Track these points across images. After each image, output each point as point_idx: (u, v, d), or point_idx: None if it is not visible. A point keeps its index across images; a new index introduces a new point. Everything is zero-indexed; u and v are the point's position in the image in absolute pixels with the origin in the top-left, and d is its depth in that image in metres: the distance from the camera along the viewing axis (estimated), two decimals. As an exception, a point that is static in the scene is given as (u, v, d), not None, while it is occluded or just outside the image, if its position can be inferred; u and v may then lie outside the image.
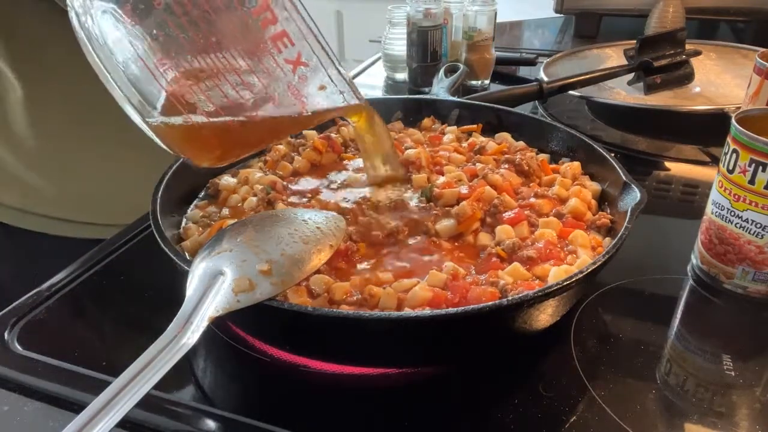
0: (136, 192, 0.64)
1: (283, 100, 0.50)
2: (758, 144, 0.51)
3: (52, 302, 0.58)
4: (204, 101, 0.48)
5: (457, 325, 0.43)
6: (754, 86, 0.70)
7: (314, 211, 0.58)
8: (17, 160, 0.82)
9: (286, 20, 0.47)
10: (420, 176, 0.64)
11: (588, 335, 0.53)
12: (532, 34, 1.60)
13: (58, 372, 0.49)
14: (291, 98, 0.50)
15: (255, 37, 0.47)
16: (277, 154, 0.71)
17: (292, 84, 0.49)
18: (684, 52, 1.00)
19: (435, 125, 0.81)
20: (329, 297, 0.48)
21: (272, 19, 0.46)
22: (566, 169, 0.66)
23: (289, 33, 0.47)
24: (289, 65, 0.48)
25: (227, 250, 0.46)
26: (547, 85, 0.96)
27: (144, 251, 0.67)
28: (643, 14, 1.34)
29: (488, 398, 0.47)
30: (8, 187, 0.83)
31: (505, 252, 0.53)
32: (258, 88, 0.49)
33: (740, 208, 0.54)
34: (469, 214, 0.57)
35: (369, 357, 0.48)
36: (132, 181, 0.74)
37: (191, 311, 0.41)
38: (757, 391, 0.47)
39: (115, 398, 0.35)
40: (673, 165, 0.87)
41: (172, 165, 0.61)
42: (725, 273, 0.58)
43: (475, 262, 0.54)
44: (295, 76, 0.49)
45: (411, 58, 1.12)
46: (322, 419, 0.46)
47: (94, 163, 0.84)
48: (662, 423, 0.45)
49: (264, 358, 0.51)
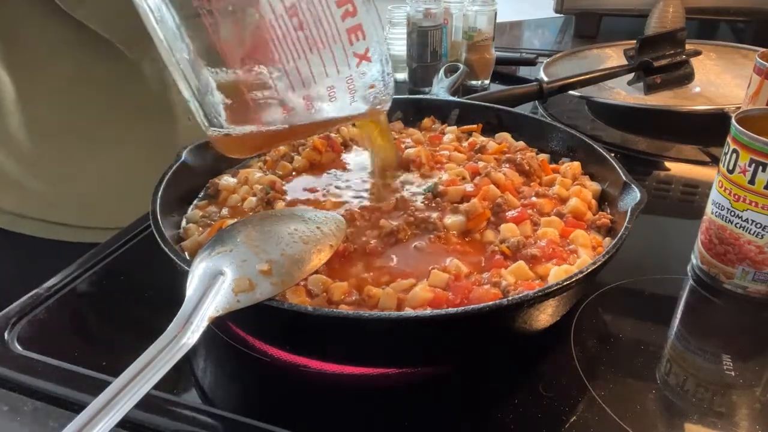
0: (134, 194, 0.64)
1: (340, 97, 0.50)
2: (758, 144, 0.51)
3: (51, 302, 0.58)
4: (272, 107, 0.47)
5: (457, 325, 0.43)
6: (754, 86, 0.70)
7: (314, 211, 0.58)
8: (13, 163, 0.81)
9: (366, 12, 0.46)
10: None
11: (588, 335, 0.53)
12: (532, 34, 1.60)
13: (58, 372, 0.49)
14: (347, 96, 0.50)
15: (332, 27, 0.46)
16: (276, 153, 0.71)
17: (351, 79, 0.49)
18: (684, 52, 1.00)
19: (435, 125, 0.81)
20: (327, 297, 0.48)
21: (353, 11, 0.46)
22: (566, 169, 0.66)
23: (363, 26, 0.47)
24: (356, 59, 0.48)
25: (227, 250, 0.46)
26: (547, 85, 0.96)
27: (144, 251, 0.67)
28: (643, 14, 1.34)
29: (488, 398, 0.47)
30: (4, 191, 0.83)
31: (509, 249, 0.53)
32: (323, 84, 0.48)
33: (740, 208, 0.54)
34: (479, 212, 0.57)
35: (369, 357, 0.48)
36: (130, 183, 0.74)
37: (191, 311, 0.41)
38: (757, 391, 0.47)
39: (115, 398, 0.35)
40: (673, 165, 0.87)
41: (172, 165, 0.61)
42: (725, 273, 0.58)
43: (482, 257, 0.54)
44: (358, 71, 0.49)
45: (411, 58, 1.12)
46: (322, 419, 0.46)
47: (91, 165, 0.83)
48: (662, 423, 0.45)
49: (264, 358, 0.51)
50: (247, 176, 0.66)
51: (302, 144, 0.72)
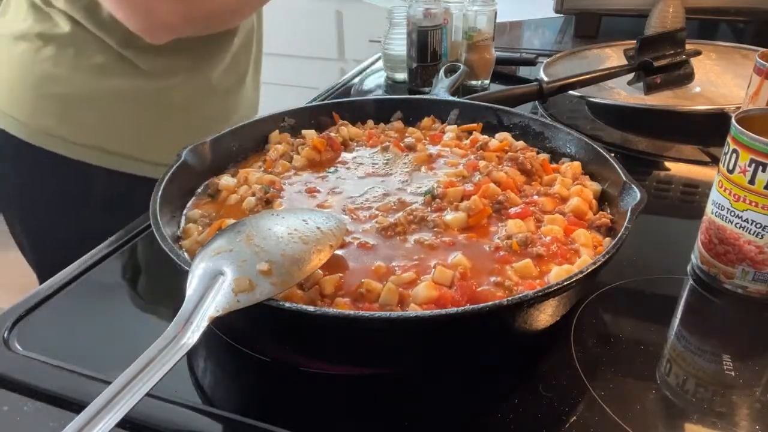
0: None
1: None
2: (758, 144, 0.51)
3: (52, 302, 0.58)
4: None
5: (457, 325, 0.43)
6: (754, 86, 0.70)
7: (314, 211, 0.58)
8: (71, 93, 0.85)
9: None
10: (420, 155, 0.69)
11: (588, 335, 0.53)
12: (532, 34, 1.60)
13: (58, 372, 0.49)
14: None
15: None
16: (276, 153, 0.71)
17: None
18: (684, 52, 1.00)
19: (435, 125, 0.81)
20: (320, 290, 0.48)
21: None
22: (566, 169, 0.66)
23: None
24: None
25: (227, 250, 0.46)
26: (547, 85, 0.96)
27: (144, 251, 0.67)
28: (643, 14, 1.34)
29: (488, 398, 0.47)
30: (63, 119, 0.86)
31: (518, 245, 0.53)
32: None
33: (740, 208, 0.54)
34: (480, 208, 0.57)
35: (368, 358, 0.48)
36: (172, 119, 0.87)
37: (191, 311, 0.41)
38: (757, 391, 0.47)
39: (115, 398, 0.35)
40: (673, 165, 0.87)
41: (172, 165, 0.61)
42: (725, 273, 0.58)
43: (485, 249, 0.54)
44: None
45: (411, 58, 1.12)
46: (322, 419, 0.46)
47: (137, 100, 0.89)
48: (662, 423, 0.45)
49: (264, 358, 0.51)
50: (247, 176, 0.66)
51: (302, 144, 0.72)
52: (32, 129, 0.86)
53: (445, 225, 0.57)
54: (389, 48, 1.20)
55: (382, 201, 0.62)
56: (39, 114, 0.85)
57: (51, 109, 0.85)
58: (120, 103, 0.88)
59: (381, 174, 0.68)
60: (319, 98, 1.12)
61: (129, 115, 0.89)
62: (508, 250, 0.53)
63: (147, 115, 0.90)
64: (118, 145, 0.89)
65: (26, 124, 0.85)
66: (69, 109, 0.86)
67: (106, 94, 0.86)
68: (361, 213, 0.60)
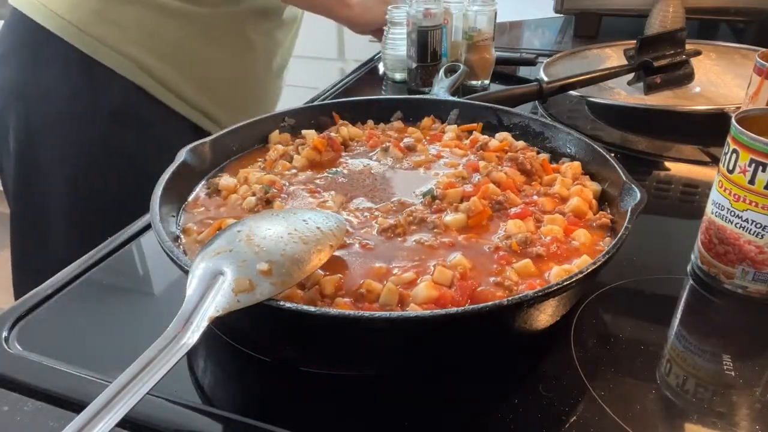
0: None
1: None
2: (758, 144, 0.51)
3: (52, 302, 0.58)
4: None
5: (458, 325, 0.43)
6: (754, 86, 0.70)
7: (314, 211, 0.58)
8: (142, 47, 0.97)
9: None
10: (420, 156, 0.70)
11: (588, 335, 0.53)
12: (532, 34, 1.60)
13: (58, 372, 0.49)
14: None
15: None
16: (276, 153, 0.71)
17: None
18: (684, 52, 1.00)
19: (435, 125, 0.81)
20: (320, 290, 0.48)
21: None
22: (566, 169, 0.66)
23: None
24: None
25: (227, 250, 0.46)
26: (547, 85, 0.96)
27: (144, 251, 0.67)
28: (643, 14, 1.34)
29: (488, 398, 0.47)
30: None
31: (518, 245, 0.53)
32: None
33: (740, 208, 0.54)
34: (480, 209, 0.57)
35: (368, 358, 0.48)
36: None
37: (191, 311, 0.41)
38: (757, 391, 0.47)
39: (115, 398, 0.35)
40: (673, 165, 0.87)
41: (172, 165, 0.61)
42: (725, 273, 0.58)
43: (484, 250, 0.54)
44: None
45: (411, 58, 1.12)
46: (322, 419, 0.46)
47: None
48: (662, 423, 0.45)
49: (264, 358, 0.51)
50: (247, 175, 0.66)
51: (302, 143, 0.72)
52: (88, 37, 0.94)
53: (444, 226, 0.57)
54: (389, 48, 1.20)
55: (382, 202, 0.62)
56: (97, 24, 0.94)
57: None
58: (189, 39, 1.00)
59: (381, 174, 0.68)
60: (319, 98, 1.12)
61: (191, 48, 1.01)
62: (507, 251, 0.53)
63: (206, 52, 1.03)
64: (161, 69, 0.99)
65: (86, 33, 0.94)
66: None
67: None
68: (361, 213, 0.60)
